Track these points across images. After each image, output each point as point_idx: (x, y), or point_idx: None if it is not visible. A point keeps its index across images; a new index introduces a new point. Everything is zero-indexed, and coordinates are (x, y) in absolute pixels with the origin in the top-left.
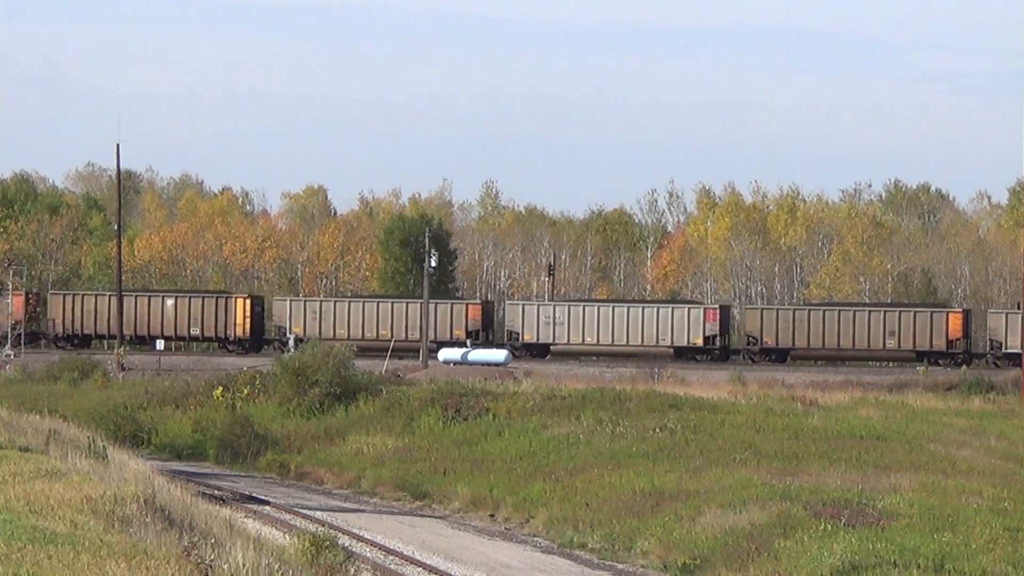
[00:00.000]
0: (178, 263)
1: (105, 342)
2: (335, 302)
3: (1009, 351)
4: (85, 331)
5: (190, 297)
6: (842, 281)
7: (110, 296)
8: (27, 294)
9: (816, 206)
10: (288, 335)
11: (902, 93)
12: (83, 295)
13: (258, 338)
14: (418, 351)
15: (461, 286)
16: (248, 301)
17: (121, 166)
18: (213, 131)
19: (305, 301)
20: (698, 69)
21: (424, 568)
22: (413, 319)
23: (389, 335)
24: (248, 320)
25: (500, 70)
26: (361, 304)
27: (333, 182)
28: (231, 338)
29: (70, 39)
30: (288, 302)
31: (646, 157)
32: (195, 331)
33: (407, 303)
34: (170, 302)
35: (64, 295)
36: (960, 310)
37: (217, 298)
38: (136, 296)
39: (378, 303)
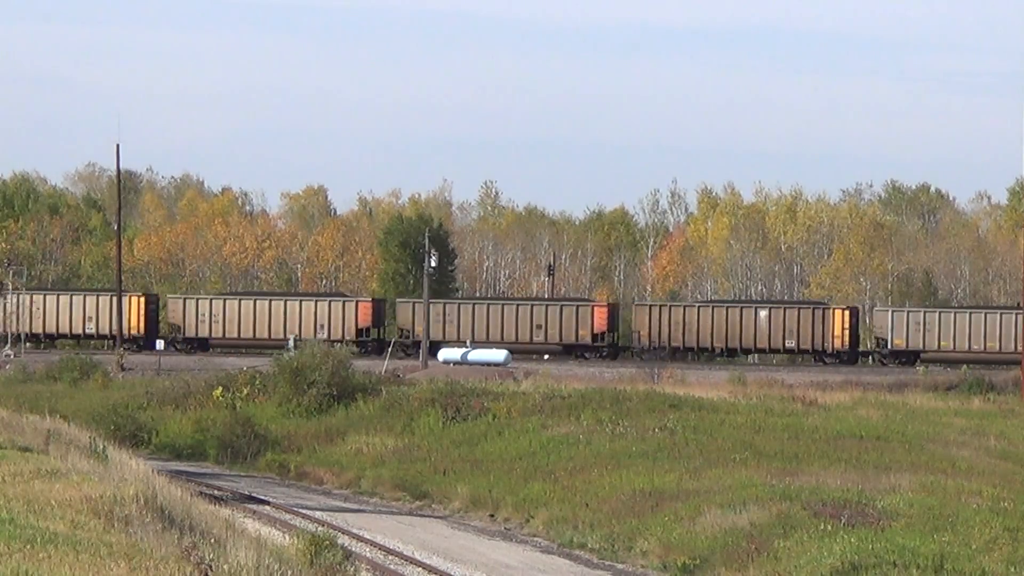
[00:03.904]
0: (177, 263)
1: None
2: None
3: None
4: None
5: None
6: (843, 281)
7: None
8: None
9: (816, 206)
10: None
11: (902, 93)
12: (211, 299)
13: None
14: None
15: (461, 286)
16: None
17: (121, 166)
18: (213, 131)
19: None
20: (698, 69)
21: (424, 568)
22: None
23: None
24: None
25: (500, 70)
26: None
27: (333, 182)
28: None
29: (70, 39)
30: (182, 300)
31: (646, 157)
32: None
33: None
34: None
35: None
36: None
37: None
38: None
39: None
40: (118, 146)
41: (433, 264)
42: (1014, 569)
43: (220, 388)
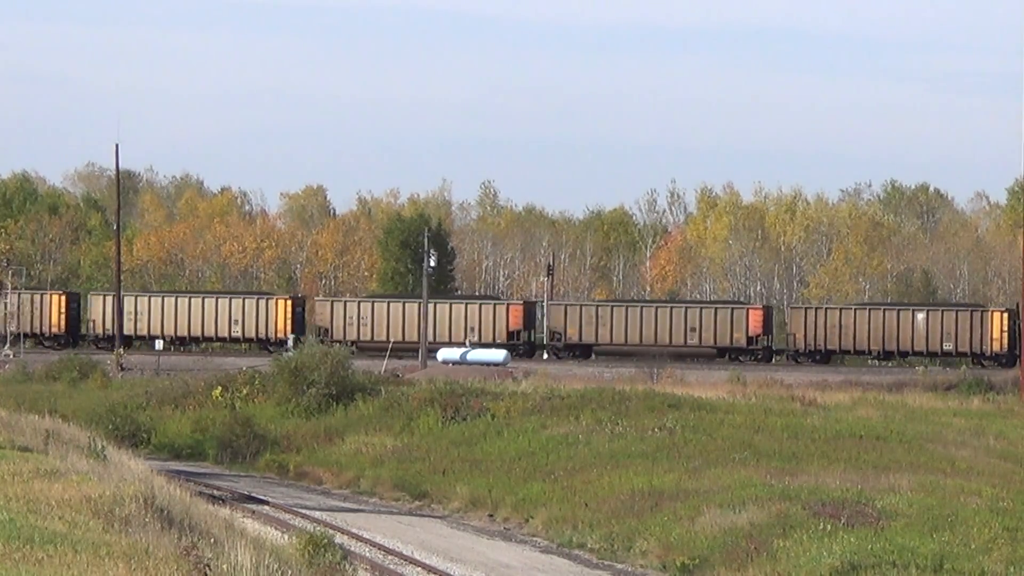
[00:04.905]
0: (177, 263)
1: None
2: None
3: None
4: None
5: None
6: (842, 281)
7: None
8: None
9: (816, 206)
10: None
11: (902, 93)
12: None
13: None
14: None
15: (460, 286)
16: (289, 302)
17: (121, 166)
18: (213, 131)
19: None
20: (698, 69)
21: (423, 568)
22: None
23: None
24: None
25: (500, 70)
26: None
27: (332, 182)
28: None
29: (70, 39)
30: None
31: (646, 157)
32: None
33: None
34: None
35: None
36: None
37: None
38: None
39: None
40: (117, 146)
41: (432, 264)
42: (1014, 569)
43: (219, 388)
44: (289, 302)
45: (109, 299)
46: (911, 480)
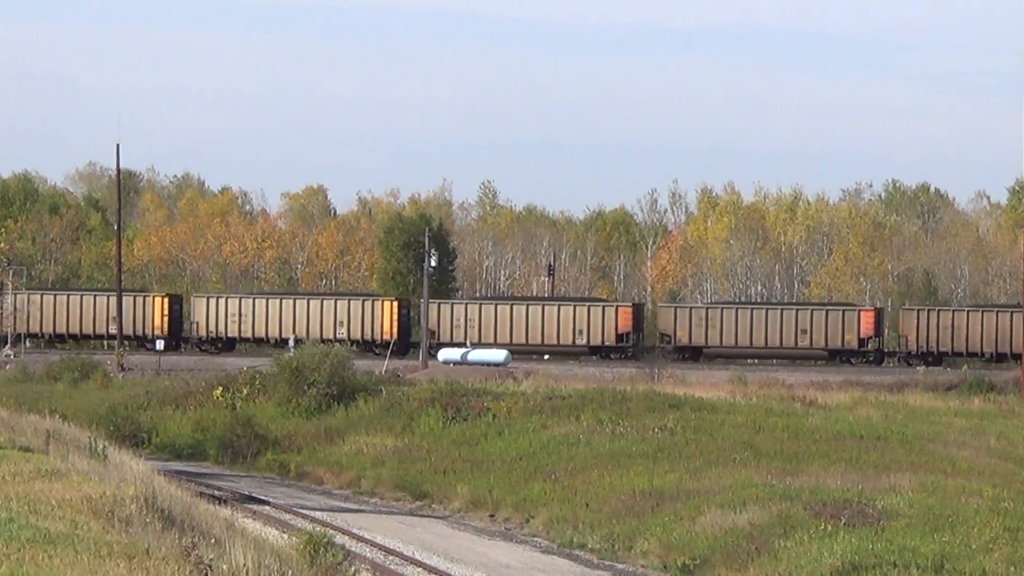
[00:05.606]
0: (177, 263)
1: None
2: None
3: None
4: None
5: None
6: (842, 281)
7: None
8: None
9: (816, 206)
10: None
11: (902, 93)
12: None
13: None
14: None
15: (461, 286)
16: (395, 304)
17: (121, 166)
18: (214, 131)
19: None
20: (698, 69)
21: (424, 568)
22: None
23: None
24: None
25: (500, 70)
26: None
27: (332, 182)
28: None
29: (70, 39)
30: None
31: (646, 157)
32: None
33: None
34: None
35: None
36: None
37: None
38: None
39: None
40: (118, 146)
41: (433, 264)
42: (1014, 569)
43: (220, 388)
44: (395, 303)
45: (213, 301)
46: (912, 480)
